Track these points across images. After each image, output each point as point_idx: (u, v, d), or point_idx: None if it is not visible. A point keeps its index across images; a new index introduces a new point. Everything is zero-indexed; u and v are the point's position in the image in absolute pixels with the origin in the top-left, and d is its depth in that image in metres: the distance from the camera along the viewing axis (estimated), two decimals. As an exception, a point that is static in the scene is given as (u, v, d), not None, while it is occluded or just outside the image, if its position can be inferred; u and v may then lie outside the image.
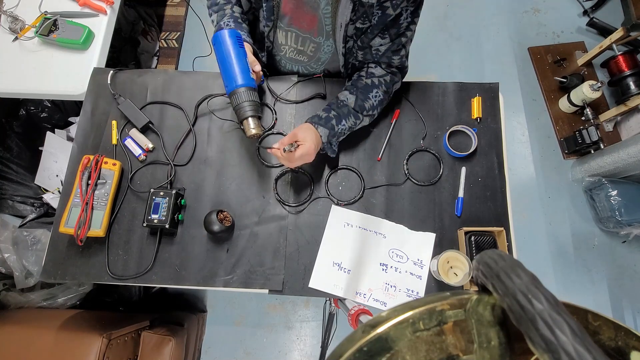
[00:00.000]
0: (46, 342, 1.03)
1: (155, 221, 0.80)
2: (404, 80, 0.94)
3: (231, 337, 1.57)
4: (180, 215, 0.84)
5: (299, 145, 0.74)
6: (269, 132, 0.91)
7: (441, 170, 0.88)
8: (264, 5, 0.78)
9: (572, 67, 1.89)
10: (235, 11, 0.83)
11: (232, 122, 0.92)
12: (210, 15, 0.85)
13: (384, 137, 0.91)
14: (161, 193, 0.82)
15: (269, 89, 0.94)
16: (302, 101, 0.93)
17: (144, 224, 0.80)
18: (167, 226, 0.80)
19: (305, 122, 0.80)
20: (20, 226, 1.28)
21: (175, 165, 0.88)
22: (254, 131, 0.75)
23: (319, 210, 0.86)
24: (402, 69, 0.86)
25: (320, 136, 0.78)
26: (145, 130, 0.91)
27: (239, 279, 0.82)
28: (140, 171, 0.89)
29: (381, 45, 0.79)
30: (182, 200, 0.85)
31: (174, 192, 0.82)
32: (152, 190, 0.83)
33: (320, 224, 0.85)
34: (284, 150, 0.73)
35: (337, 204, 0.86)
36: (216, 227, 0.78)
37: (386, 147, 0.90)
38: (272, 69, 0.98)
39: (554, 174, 1.78)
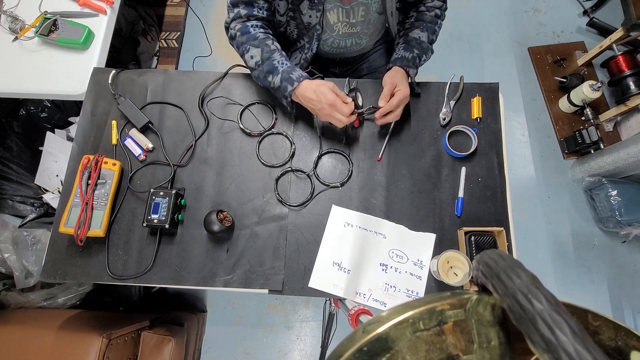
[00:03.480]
0: (46, 342, 1.03)
1: (155, 221, 0.80)
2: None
3: (231, 337, 1.57)
4: (180, 215, 0.84)
5: (394, 93, 0.81)
6: (269, 132, 0.91)
7: (441, 171, 0.88)
8: None
9: (572, 67, 1.89)
10: (278, 46, 0.83)
11: (232, 122, 0.92)
12: (246, 50, 0.82)
13: (384, 137, 0.91)
14: (161, 193, 0.82)
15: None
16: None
17: (144, 224, 0.80)
18: (167, 226, 0.80)
19: (394, 65, 0.86)
20: (20, 226, 1.28)
21: (175, 165, 0.88)
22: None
23: (319, 210, 0.86)
24: None
25: (410, 77, 0.85)
26: (145, 130, 0.91)
27: (239, 279, 0.82)
28: (140, 171, 0.89)
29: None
30: (182, 200, 0.85)
31: (173, 192, 0.82)
32: (152, 190, 0.83)
33: (320, 224, 0.85)
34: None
35: (333, 186, 0.87)
36: (216, 227, 0.78)
37: (386, 147, 0.90)
38: (316, 57, 0.99)
39: (554, 174, 1.78)
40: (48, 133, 1.39)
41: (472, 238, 0.81)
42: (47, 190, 1.38)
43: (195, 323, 1.44)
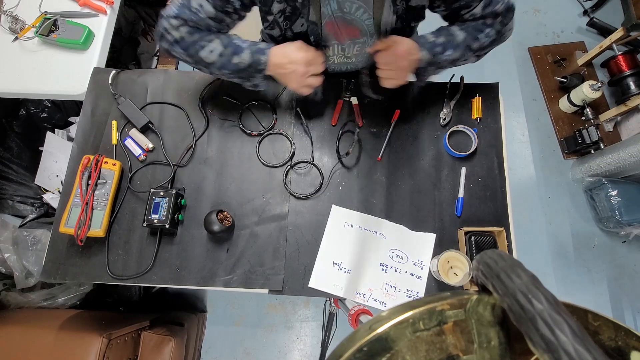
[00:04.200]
0: (46, 342, 1.03)
1: (156, 221, 0.80)
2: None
3: (231, 337, 1.57)
4: (180, 215, 0.84)
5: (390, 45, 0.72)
6: (269, 132, 0.91)
7: (441, 171, 0.88)
8: (311, 38, 0.75)
9: (572, 67, 1.89)
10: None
11: (232, 122, 0.92)
12: (201, 47, 0.73)
13: (384, 137, 0.91)
14: (161, 193, 0.82)
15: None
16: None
17: (144, 224, 0.80)
18: (167, 226, 0.80)
19: (412, 39, 0.75)
20: (20, 226, 1.28)
21: (175, 165, 0.88)
22: None
23: (319, 210, 0.86)
24: (509, 7, 0.75)
25: (420, 59, 0.74)
26: (145, 130, 0.91)
27: (239, 279, 0.82)
28: (140, 171, 0.88)
29: (472, 10, 0.73)
30: (182, 200, 0.85)
31: (174, 192, 0.82)
32: (152, 190, 0.83)
33: (320, 224, 0.85)
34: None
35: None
36: (216, 227, 0.78)
37: (386, 147, 0.90)
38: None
39: (554, 174, 1.78)
40: (48, 133, 1.39)
41: (472, 238, 0.81)
42: (47, 190, 1.38)
43: (195, 323, 1.44)
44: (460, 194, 0.86)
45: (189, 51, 0.75)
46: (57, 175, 1.37)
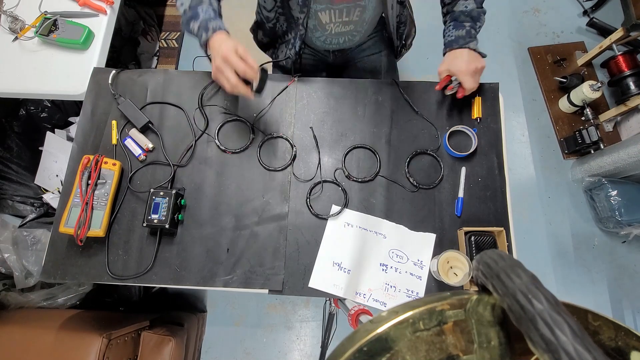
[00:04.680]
0: (46, 342, 1.03)
1: (155, 221, 0.80)
2: (405, 79, 0.95)
3: (231, 337, 1.57)
4: (180, 215, 0.84)
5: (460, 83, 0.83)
6: (269, 135, 0.91)
7: (441, 171, 0.88)
8: None
9: (572, 67, 1.89)
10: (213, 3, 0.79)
11: (233, 122, 0.92)
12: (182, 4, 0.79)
13: (384, 137, 0.90)
14: (161, 193, 0.82)
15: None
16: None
17: (144, 224, 0.80)
18: (167, 226, 0.80)
19: (451, 49, 0.85)
20: (20, 226, 1.28)
21: (175, 165, 0.88)
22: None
23: (319, 211, 0.86)
24: None
25: (474, 50, 0.83)
26: (145, 130, 0.91)
27: (239, 279, 0.82)
28: (141, 171, 0.88)
29: None
30: (182, 200, 0.85)
31: (174, 192, 0.82)
32: (152, 190, 0.83)
33: (320, 224, 0.85)
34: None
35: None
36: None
37: (386, 146, 0.90)
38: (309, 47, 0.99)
39: (554, 174, 1.78)
40: (48, 133, 1.39)
41: (472, 238, 0.81)
42: (47, 190, 1.38)
43: (195, 323, 1.44)
44: (460, 194, 0.86)
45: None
46: (57, 175, 1.37)
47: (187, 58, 1.97)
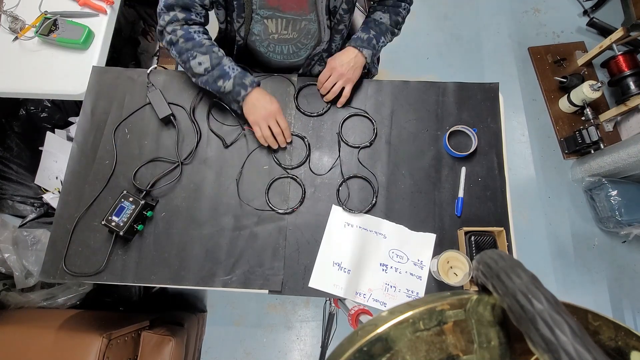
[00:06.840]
0: (46, 342, 1.03)
1: (113, 224, 0.79)
2: (404, 79, 0.95)
3: (231, 337, 1.57)
4: (140, 226, 0.82)
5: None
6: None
7: (441, 171, 0.88)
8: (234, 3, 0.79)
9: (572, 67, 1.89)
10: (224, 53, 0.83)
11: (233, 123, 0.92)
12: (192, 56, 0.80)
13: (384, 137, 0.90)
14: (130, 199, 0.81)
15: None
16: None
17: (102, 222, 0.79)
18: (121, 233, 0.78)
19: (348, 45, 0.88)
20: (20, 226, 1.28)
21: (181, 163, 0.88)
22: None
23: (319, 210, 0.86)
24: None
25: (365, 57, 0.87)
26: (166, 122, 0.91)
27: (238, 279, 0.81)
28: (143, 168, 0.88)
29: None
30: (150, 212, 0.84)
31: (142, 202, 0.81)
32: (124, 192, 0.82)
33: (320, 224, 0.85)
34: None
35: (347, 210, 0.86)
36: None
37: (386, 146, 0.90)
38: (246, 58, 0.98)
39: (554, 174, 1.78)
40: (48, 133, 1.38)
41: (472, 238, 0.81)
42: (47, 190, 1.38)
43: (195, 323, 1.44)
44: (460, 194, 0.86)
45: (182, 57, 0.82)
46: (57, 177, 1.37)
47: (187, 58, 1.97)
